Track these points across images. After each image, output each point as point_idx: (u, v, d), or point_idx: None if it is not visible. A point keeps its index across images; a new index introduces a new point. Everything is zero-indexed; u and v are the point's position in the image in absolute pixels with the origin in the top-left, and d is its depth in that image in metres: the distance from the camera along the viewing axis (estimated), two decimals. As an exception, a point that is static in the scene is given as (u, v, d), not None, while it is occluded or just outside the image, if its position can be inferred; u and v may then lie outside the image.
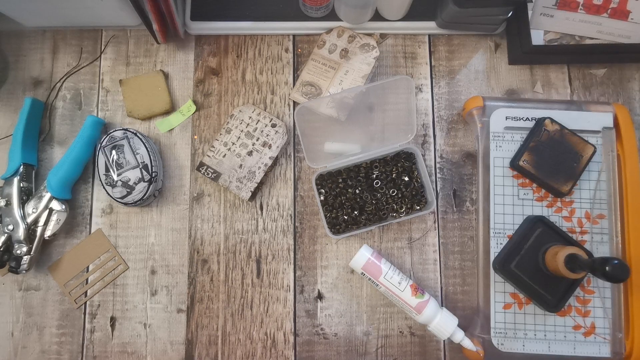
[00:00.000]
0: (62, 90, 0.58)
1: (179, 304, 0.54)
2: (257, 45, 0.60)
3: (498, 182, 0.53)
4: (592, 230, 0.52)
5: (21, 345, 0.53)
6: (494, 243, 0.51)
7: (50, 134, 0.57)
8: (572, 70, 0.59)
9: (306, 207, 0.56)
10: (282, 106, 0.58)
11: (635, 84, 0.59)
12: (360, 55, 0.55)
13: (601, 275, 0.41)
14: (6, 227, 0.51)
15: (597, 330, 0.50)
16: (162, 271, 0.55)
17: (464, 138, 0.57)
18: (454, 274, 0.54)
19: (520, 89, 0.59)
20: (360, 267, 0.51)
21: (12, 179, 0.52)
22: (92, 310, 0.54)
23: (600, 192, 0.53)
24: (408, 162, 0.55)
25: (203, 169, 0.54)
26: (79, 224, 0.56)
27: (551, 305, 0.48)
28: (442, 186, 0.56)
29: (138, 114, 0.57)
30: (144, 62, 0.59)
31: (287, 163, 0.57)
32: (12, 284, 0.54)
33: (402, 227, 0.55)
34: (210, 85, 0.59)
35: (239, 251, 0.55)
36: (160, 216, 0.56)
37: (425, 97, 0.59)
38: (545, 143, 0.52)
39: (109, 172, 0.52)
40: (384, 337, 0.53)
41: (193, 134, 0.58)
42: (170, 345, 0.53)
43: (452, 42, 0.60)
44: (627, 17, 0.54)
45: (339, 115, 0.54)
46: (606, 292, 0.50)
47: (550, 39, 0.57)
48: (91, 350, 0.53)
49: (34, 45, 0.60)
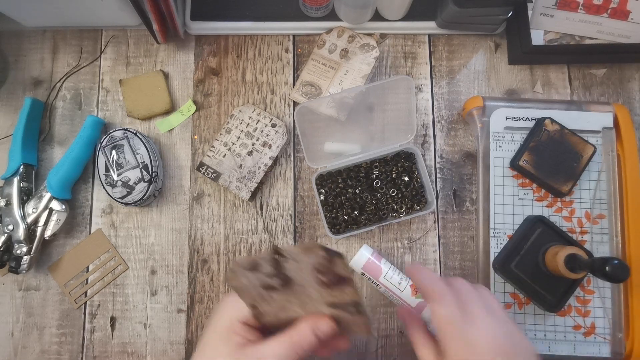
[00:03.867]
0: (62, 90, 0.58)
1: (179, 304, 0.54)
2: (257, 45, 0.60)
3: (498, 182, 0.53)
4: (592, 230, 0.52)
5: (21, 345, 0.53)
6: (494, 243, 0.51)
7: (50, 134, 0.57)
8: (572, 70, 0.59)
9: (306, 207, 0.56)
10: (282, 106, 0.58)
11: (635, 84, 0.59)
12: (360, 55, 0.55)
13: (601, 275, 0.41)
14: (6, 227, 0.51)
15: (597, 330, 0.50)
16: (162, 271, 0.55)
17: (464, 138, 0.57)
18: (454, 274, 0.54)
19: (520, 89, 0.59)
20: (360, 267, 0.51)
21: (12, 179, 0.52)
22: (92, 310, 0.54)
23: (600, 192, 0.53)
24: (408, 162, 0.55)
25: (203, 169, 0.54)
26: (79, 224, 0.56)
27: (551, 305, 0.48)
28: (442, 186, 0.56)
29: (138, 114, 0.57)
30: (144, 62, 0.59)
31: (287, 163, 0.57)
32: (12, 284, 0.54)
33: (402, 227, 0.55)
34: (210, 85, 0.59)
35: (239, 251, 0.55)
36: (160, 216, 0.56)
37: (425, 97, 0.59)
38: (545, 143, 0.52)
39: (109, 172, 0.52)
40: (384, 337, 0.53)
41: (193, 134, 0.58)
42: (170, 345, 0.53)
43: (452, 42, 0.60)
44: (627, 17, 0.54)
45: (339, 115, 0.54)
46: (606, 292, 0.50)
47: (550, 39, 0.57)
48: (91, 350, 0.53)
49: (34, 45, 0.60)
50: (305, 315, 0.33)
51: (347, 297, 0.31)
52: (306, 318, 0.33)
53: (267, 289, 0.32)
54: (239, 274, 0.31)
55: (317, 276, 0.30)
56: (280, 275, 0.31)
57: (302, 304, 0.32)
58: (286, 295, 0.32)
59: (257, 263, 0.30)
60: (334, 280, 0.30)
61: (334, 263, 0.29)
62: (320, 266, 0.30)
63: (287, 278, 0.31)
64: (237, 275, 0.31)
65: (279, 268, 0.30)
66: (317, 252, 0.29)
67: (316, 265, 0.30)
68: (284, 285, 0.31)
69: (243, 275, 0.31)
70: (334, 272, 0.30)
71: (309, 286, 0.31)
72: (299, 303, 0.32)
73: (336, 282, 0.30)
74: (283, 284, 0.31)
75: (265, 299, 0.32)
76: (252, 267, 0.31)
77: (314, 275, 0.30)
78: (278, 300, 0.32)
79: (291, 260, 0.30)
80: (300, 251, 0.29)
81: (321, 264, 0.29)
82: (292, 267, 0.30)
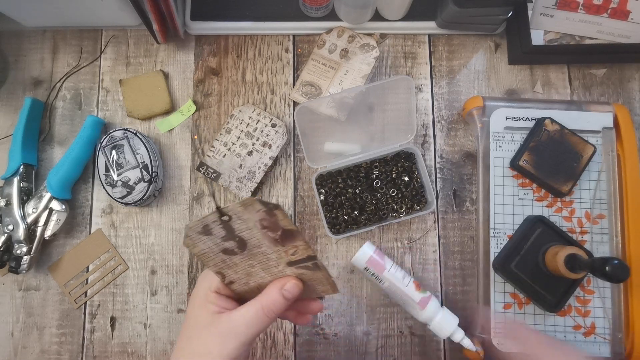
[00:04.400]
0: (62, 90, 0.58)
1: (179, 304, 0.54)
2: (257, 45, 0.60)
3: (498, 182, 0.53)
4: (592, 230, 0.52)
5: (21, 345, 0.53)
6: (494, 243, 0.51)
7: (50, 134, 0.57)
8: (572, 70, 0.59)
9: (306, 207, 0.56)
10: (282, 106, 0.58)
11: (635, 84, 0.59)
12: (360, 55, 0.55)
13: (601, 275, 0.41)
14: (6, 227, 0.51)
15: (597, 330, 0.50)
16: (162, 271, 0.55)
17: (464, 138, 0.57)
18: (454, 274, 0.54)
19: (520, 89, 0.59)
20: (364, 262, 0.50)
21: (12, 179, 0.52)
22: (92, 310, 0.54)
23: (600, 192, 0.53)
24: (408, 162, 0.55)
25: (203, 169, 0.54)
26: (79, 224, 0.55)
27: (551, 305, 0.48)
28: (442, 186, 0.56)
29: (138, 114, 0.57)
30: (144, 62, 0.59)
31: (287, 163, 0.57)
32: (12, 284, 0.54)
33: (402, 227, 0.55)
34: (210, 85, 0.59)
35: (239, 251, 0.55)
36: (160, 216, 0.56)
37: (425, 97, 0.59)
38: (545, 143, 0.52)
39: (109, 172, 0.52)
40: (384, 337, 0.53)
41: (193, 134, 0.58)
42: (170, 346, 0.53)
43: (452, 42, 0.60)
44: (627, 17, 0.54)
45: (339, 115, 0.54)
46: (606, 292, 0.50)
47: (550, 39, 0.57)
48: (91, 350, 0.53)
49: (34, 45, 0.60)
50: (272, 278, 0.35)
51: (302, 253, 0.32)
52: (274, 282, 0.35)
53: (227, 254, 0.33)
54: (195, 240, 0.32)
55: (267, 233, 0.31)
56: (234, 237, 0.32)
57: (265, 267, 0.34)
58: (247, 259, 0.33)
59: (207, 226, 0.31)
60: (283, 236, 0.31)
61: (274, 216, 0.30)
62: (265, 222, 0.30)
63: (241, 240, 0.32)
64: (193, 241, 0.32)
65: (230, 230, 0.31)
66: (256, 206, 0.30)
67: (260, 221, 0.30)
68: (241, 247, 0.33)
69: (200, 240, 0.32)
70: (280, 226, 0.31)
71: (263, 246, 0.32)
72: (262, 267, 0.34)
73: (286, 237, 0.31)
74: (239, 246, 0.32)
75: (228, 264, 0.34)
76: (204, 230, 0.31)
77: (263, 232, 0.31)
78: (240, 265, 0.34)
79: (236, 219, 0.31)
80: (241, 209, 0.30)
81: (264, 219, 0.30)
82: (240, 227, 0.31)
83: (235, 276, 0.35)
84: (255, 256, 0.33)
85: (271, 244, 0.32)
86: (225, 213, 0.30)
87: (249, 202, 0.29)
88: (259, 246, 0.32)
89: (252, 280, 0.35)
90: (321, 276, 0.34)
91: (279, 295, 0.34)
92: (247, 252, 0.33)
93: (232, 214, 0.30)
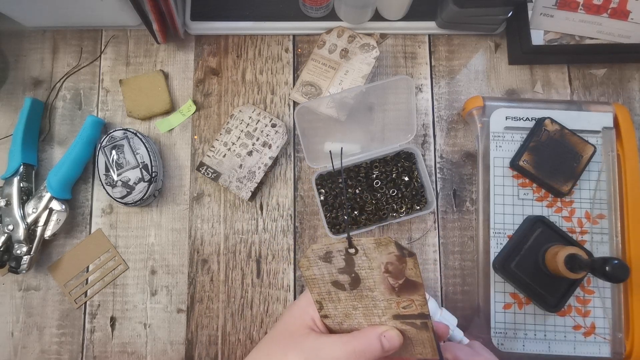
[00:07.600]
0: (62, 90, 0.58)
1: (179, 304, 0.54)
2: (257, 45, 0.60)
3: (498, 182, 0.53)
4: (592, 230, 0.52)
5: (21, 345, 0.53)
6: (494, 243, 0.51)
7: (50, 134, 0.57)
8: (572, 70, 0.59)
9: (306, 207, 0.56)
10: (282, 106, 0.58)
11: (635, 84, 0.59)
12: (360, 55, 0.55)
13: (601, 275, 0.41)
14: (6, 227, 0.51)
15: (597, 330, 0.50)
16: (162, 271, 0.55)
17: (464, 138, 0.57)
18: (454, 274, 0.54)
19: (520, 89, 0.59)
20: None
21: (12, 179, 0.52)
22: (92, 310, 0.54)
23: (600, 192, 0.53)
24: (408, 162, 0.55)
25: (203, 169, 0.54)
26: (79, 224, 0.55)
27: (551, 305, 0.48)
28: (442, 186, 0.56)
29: (138, 114, 0.57)
30: (144, 62, 0.59)
31: (287, 163, 0.57)
32: (12, 284, 0.54)
33: (402, 227, 0.55)
34: (210, 85, 0.59)
35: (239, 251, 0.55)
36: (160, 216, 0.56)
37: (425, 97, 0.59)
38: (545, 143, 0.52)
39: (109, 172, 0.52)
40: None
41: (193, 134, 0.58)
42: (170, 345, 0.53)
43: (452, 42, 0.60)
44: (627, 17, 0.54)
45: (339, 115, 0.54)
46: (606, 292, 0.50)
47: (550, 39, 0.57)
48: (91, 350, 0.53)
49: (34, 45, 0.60)
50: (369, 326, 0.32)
51: (416, 308, 0.30)
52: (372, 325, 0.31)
53: (336, 286, 0.31)
54: (312, 263, 0.31)
55: (387, 278, 0.29)
56: (351, 272, 0.30)
57: (368, 313, 0.32)
58: (352, 299, 0.31)
59: (330, 253, 0.30)
60: (403, 285, 0.29)
61: (404, 263, 0.28)
62: (391, 266, 0.29)
63: (356, 277, 0.30)
64: (310, 263, 0.31)
65: (351, 264, 0.30)
66: (389, 248, 0.28)
67: (387, 264, 0.29)
68: (352, 285, 0.31)
69: (316, 265, 0.31)
70: (405, 275, 0.29)
71: (377, 290, 0.30)
72: (364, 311, 0.32)
73: (406, 288, 0.29)
74: (352, 283, 0.31)
75: (332, 298, 0.32)
76: (325, 257, 0.30)
77: (383, 276, 0.29)
78: (343, 302, 0.32)
79: (363, 255, 0.29)
80: (373, 245, 0.29)
81: (392, 264, 0.29)
82: (363, 264, 0.30)
83: (333, 312, 0.33)
84: (362, 299, 0.31)
85: (386, 290, 0.30)
86: (353, 245, 0.29)
87: (385, 242, 0.28)
88: (372, 289, 0.30)
89: (347, 322, 0.33)
90: (425, 338, 0.31)
91: (377, 341, 0.30)
92: (357, 292, 0.31)
93: (361, 248, 0.29)
